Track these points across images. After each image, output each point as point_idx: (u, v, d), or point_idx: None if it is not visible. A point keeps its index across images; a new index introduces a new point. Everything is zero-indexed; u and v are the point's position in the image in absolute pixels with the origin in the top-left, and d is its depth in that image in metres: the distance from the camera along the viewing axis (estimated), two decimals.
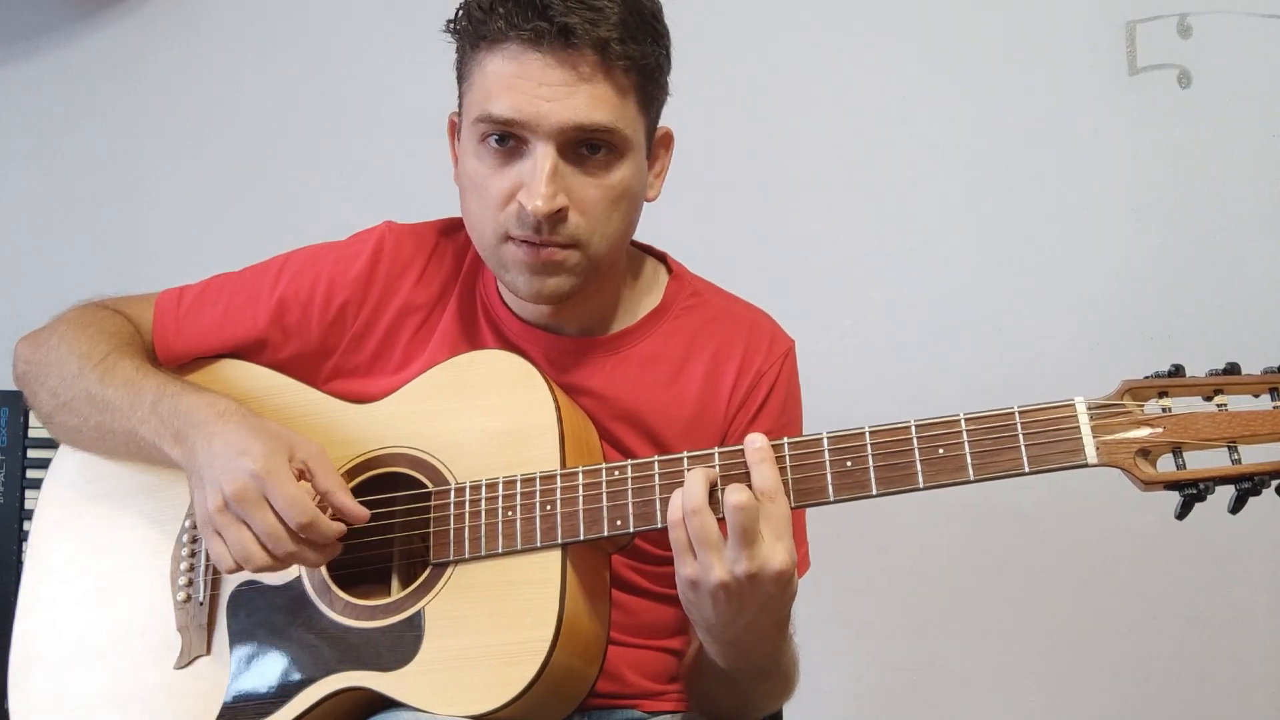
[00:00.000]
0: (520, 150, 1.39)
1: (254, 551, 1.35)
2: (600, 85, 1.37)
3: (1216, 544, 2.25)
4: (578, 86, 1.36)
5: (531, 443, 1.40)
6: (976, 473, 1.26)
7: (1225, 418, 1.21)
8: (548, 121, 1.36)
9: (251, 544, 1.35)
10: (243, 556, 1.36)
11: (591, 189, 1.40)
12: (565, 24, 1.34)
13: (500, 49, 1.38)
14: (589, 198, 1.40)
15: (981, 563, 2.35)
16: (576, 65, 1.35)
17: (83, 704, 1.49)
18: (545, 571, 1.35)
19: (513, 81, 1.36)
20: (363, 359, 1.56)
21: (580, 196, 1.40)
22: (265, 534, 1.34)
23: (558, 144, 1.37)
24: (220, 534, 1.37)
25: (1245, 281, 2.26)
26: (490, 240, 1.43)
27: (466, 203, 1.47)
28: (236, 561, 1.36)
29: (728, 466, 1.32)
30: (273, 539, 1.34)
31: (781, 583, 1.27)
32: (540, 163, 1.37)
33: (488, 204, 1.41)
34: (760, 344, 1.57)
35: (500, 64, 1.37)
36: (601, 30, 1.35)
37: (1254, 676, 2.27)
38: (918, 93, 2.40)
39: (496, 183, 1.40)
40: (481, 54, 1.40)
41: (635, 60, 1.38)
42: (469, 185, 1.44)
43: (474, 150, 1.42)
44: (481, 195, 1.42)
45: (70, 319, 1.60)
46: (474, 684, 1.33)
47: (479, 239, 1.47)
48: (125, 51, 2.68)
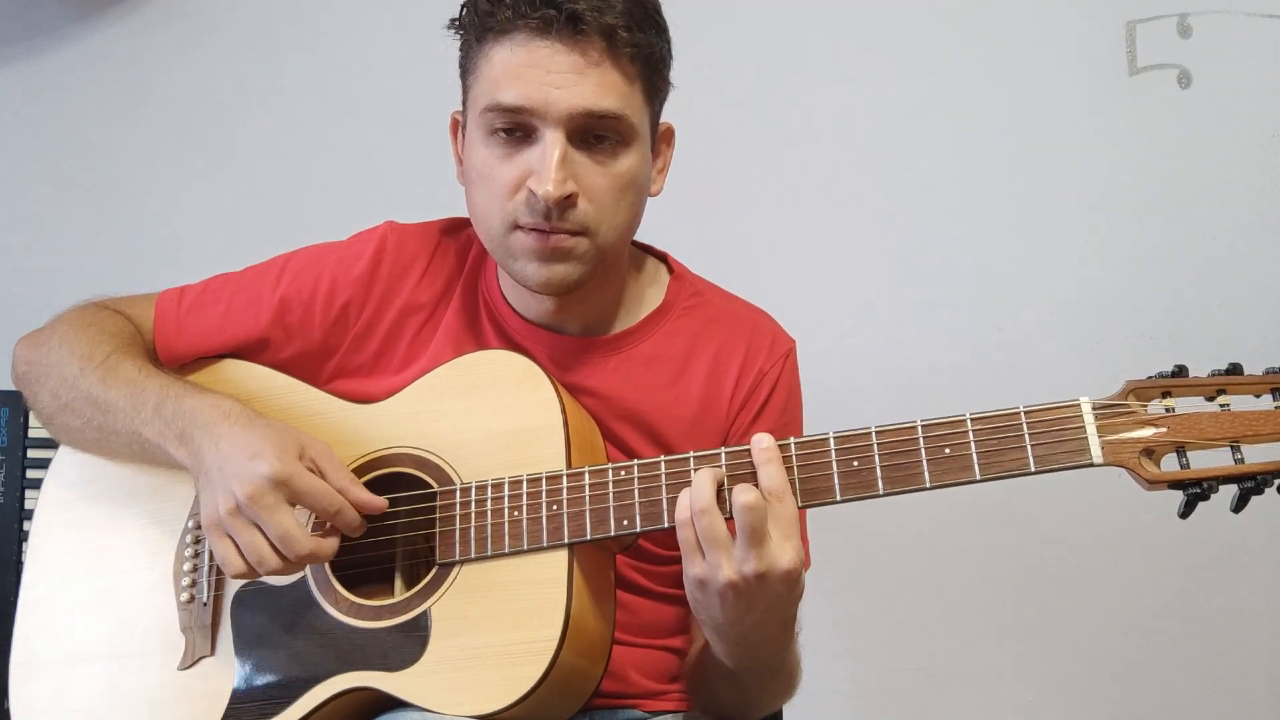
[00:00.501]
0: (528, 139, 1.40)
1: (267, 554, 1.35)
2: (608, 72, 1.38)
3: (1216, 544, 2.26)
4: (586, 73, 1.37)
5: (537, 443, 1.40)
6: (983, 472, 1.26)
7: (1228, 418, 1.22)
8: (557, 108, 1.37)
9: (264, 547, 1.35)
10: (256, 559, 1.36)
11: (600, 177, 1.41)
12: (573, 10, 1.35)
13: (508, 39, 1.38)
14: (597, 185, 1.41)
15: (981, 563, 2.35)
16: (585, 52, 1.37)
17: (84, 705, 1.49)
18: (551, 572, 1.36)
19: (521, 70, 1.37)
20: (365, 358, 1.56)
21: (589, 184, 1.40)
22: (278, 536, 1.35)
23: (567, 131, 1.38)
24: (232, 537, 1.37)
25: (1245, 281, 2.26)
26: (498, 230, 1.43)
27: (473, 195, 1.47)
28: (249, 565, 1.37)
29: (734, 466, 1.32)
30: (286, 541, 1.35)
31: (789, 582, 1.28)
32: (550, 149, 1.37)
33: (496, 193, 1.42)
34: (762, 344, 1.57)
35: (508, 53, 1.38)
36: (609, 17, 1.36)
37: (1254, 676, 2.28)
38: (918, 92, 2.40)
39: (505, 171, 1.41)
40: (488, 46, 1.40)
41: (641, 48, 1.39)
42: (476, 177, 1.45)
43: (482, 141, 1.43)
44: (490, 185, 1.42)
45: (70, 319, 1.59)
46: (480, 684, 1.33)
47: (486, 230, 1.46)
48: (125, 52, 2.67)
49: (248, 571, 1.38)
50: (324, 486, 1.38)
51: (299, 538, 1.35)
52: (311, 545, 1.36)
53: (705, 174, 2.35)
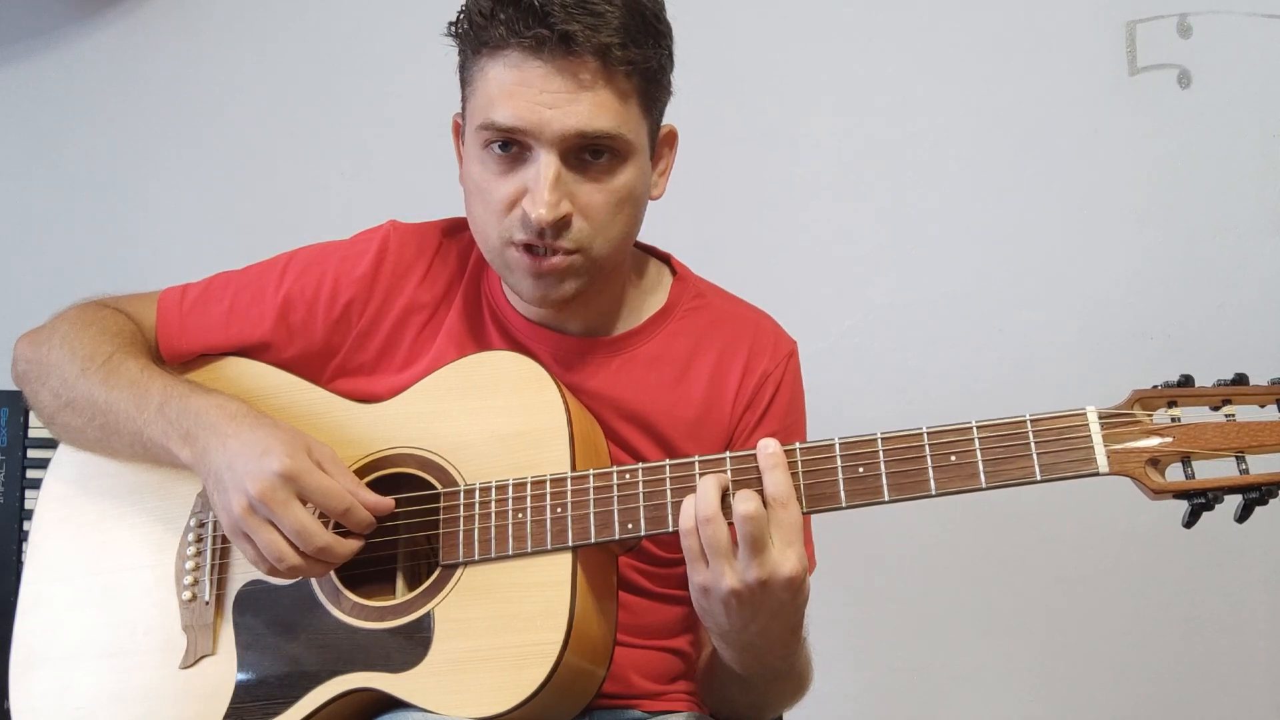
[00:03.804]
0: (523, 156, 1.39)
1: (285, 550, 1.35)
2: (602, 91, 1.36)
3: (1216, 545, 2.26)
4: (579, 94, 1.35)
5: (542, 445, 1.40)
6: (988, 481, 1.26)
7: (1233, 428, 1.22)
8: (550, 129, 1.36)
9: (282, 544, 1.35)
10: (275, 557, 1.36)
11: (595, 194, 1.40)
12: (566, 31, 1.33)
13: (501, 56, 1.37)
14: (593, 203, 1.40)
15: (981, 563, 2.36)
16: (577, 72, 1.35)
17: (85, 703, 1.49)
18: (555, 574, 1.35)
19: (514, 89, 1.36)
20: (367, 358, 1.56)
21: (584, 202, 1.40)
22: (294, 531, 1.35)
23: (560, 151, 1.37)
24: (250, 537, 1.37)
25: (1245, 281, 2.27)
26: (495, 244, 1.43)
27: (471, 206, 1.47)
28: (270, 564, 1.37)
29: (740, 471, 1.32)
30: (301, 535, 1.35)
31: (792, 588, 1.28)
32: (543, 170, 1.36)
33: (491, 209, 1.42)
34: (765, 346, 1.57)
35: (502, 71, 1.37)
36: (603, 36, 1.34)
37: (1254, 676, 2.29)
38: (918, 92, 2.40)
39: (500, 188, 1.40)
40: (483, 60, 1.39)
41: (637, 65, 1.38)
42: (473, 189, 1.45)
43: (478, 156, 1.42)
44: (486, 200, 1.42)
45: (71, 318, 1.59)
46: (483, 686, 1.33)
47: (484, 242, 1.47)
48: (125, 51, 2.67)
49: (273, 570, 1.38)
50: (333, 484, 1.37)
51: (315, 531, 1.35)
52: (328, 539, 1.36)
53: (705, 174, 2.35)
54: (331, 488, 1.37)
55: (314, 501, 1.36)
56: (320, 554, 1.36)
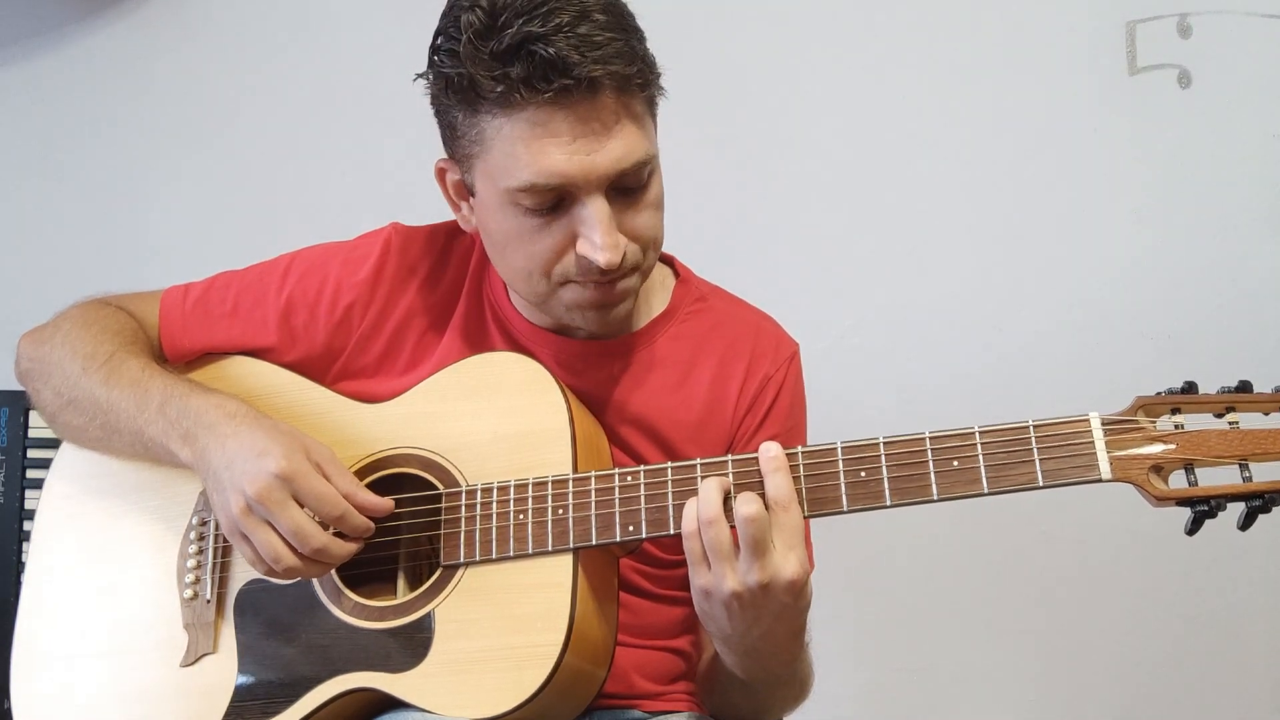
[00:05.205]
0: (562, 204, 1.37)
1: (282, 551, 1.35)
2: (626, 123, 1.34)
3: (1216, 545, 2.26)
4: (609, 132, 1.33)
5: (544, 447, 1.40)
6: (991, 486, 1.27)
7: (1237, 435, 1.22)
8: (594, 176, 1.33)
9: (279, 544, 1.35)
10: (272, 557, 1.36)
11: (638, 216, 1.39)
12: (591, 78, 1.29)
13: (519, 114, 1.32)
14: (639, 225, 1.39)
15: (981, 563, 2.36)
16: (600, 113, 1.32)
17: (87, 702, 1.49)
18: (556, 576, 1.36)
19: (545, 146, 1.32)
20: (369, 360, 1.55)
21: (630, 227, 1.39)
22: (291, 532, 1.35)
23: (605, 192, 1.35)
24: (247, 537, 1.37)
25: (1245, 281, 2.27)
26: (543, 287, 1.42)
27: (505, 255, 1.43)
28: (268, 564, 1.37)
29: (742, 474, 1.32)
30: (298, 536, 1.35)
31: (794, 592, 1.28)
32: (597, 216, 1.34)
33: (538, 261, 1.39)
34: (766, 348, 1.57)
35: (525, 129, 1.32)
36: (613, 67, 1.31)
37: (1254, 677, 2.29)
38: (918, 92, 2.40)
39: (544, 240, 1.38)
40: (492, 119, 1.34)
41: (643, 82, 1.36)
42: (507, 242, 1.41)
43: (509, 213, 1.38)
44: (528, 251, 1.39)
45: (74, 316, 1.59)
46: (484, 687, 1.33)
47: (526, 286, 1.44)
48: (125, 52, 2.66)
49: (270, 570, 1.38)
50: (328, 490, 1.37)
51: (311, 532, 1.35)
52: (325, 540, 1.35)
53: (706, 175, 2.35)
54: (326, 493, 1.36)
55: (307, 505, 1.36)
56: (317, 555, 1.36)
